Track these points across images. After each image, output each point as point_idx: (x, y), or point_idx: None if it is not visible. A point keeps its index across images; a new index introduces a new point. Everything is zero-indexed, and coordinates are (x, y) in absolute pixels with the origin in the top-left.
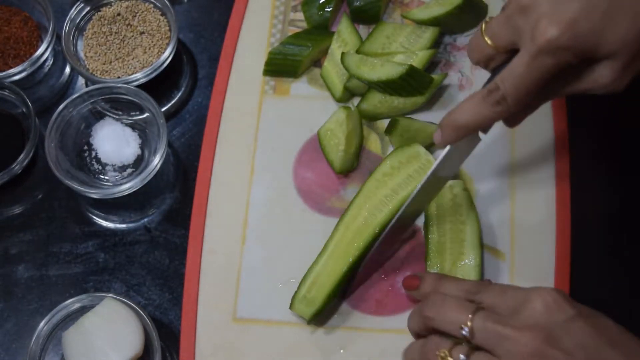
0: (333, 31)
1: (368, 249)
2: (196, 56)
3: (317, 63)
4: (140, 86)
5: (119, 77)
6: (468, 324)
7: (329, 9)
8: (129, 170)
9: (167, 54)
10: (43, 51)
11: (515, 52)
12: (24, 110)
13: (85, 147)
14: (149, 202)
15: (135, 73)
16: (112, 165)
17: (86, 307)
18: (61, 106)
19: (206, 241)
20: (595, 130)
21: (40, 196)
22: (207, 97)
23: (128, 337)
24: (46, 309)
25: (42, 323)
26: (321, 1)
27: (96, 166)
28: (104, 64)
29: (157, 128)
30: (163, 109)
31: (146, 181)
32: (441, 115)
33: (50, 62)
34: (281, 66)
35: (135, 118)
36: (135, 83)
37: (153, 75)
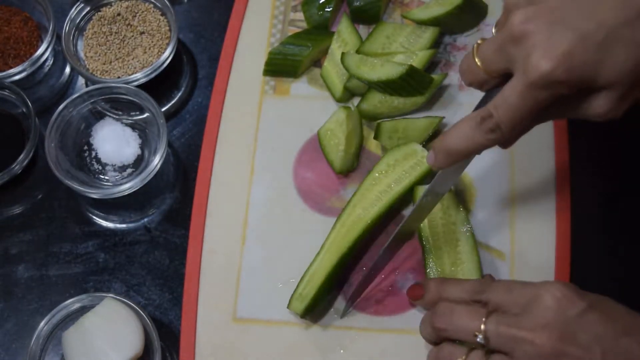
0: (333, 31)
1: (359, 243)
2: (196, 56)
3: (317, 63)
4: (140, 86)
5: (119, 77)
6: (482, 330)
7: (329, 9)
8: (129, 170)
9: (167, 54)
10: (43, 51)
11: (509, 76)
12: (24, 110)
13: (85, 147)
14: (149, 202)
15: (135, 73)
16: (112, 165)
17: (86, 307)
18: (61, 106)
19: (206, 241)
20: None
21: (40, 196)
22: (207, 97)
23: (128, 337)
24: (46, 309)
25: (42, 323)
26: (321, 1)
27: (96, 166)
28: (104, 64)
29: (157, 128)
30: (163, 109)
31: (146, 181)
32: (441, 115)
33: (50, 62)
34: (281, 66)
35: (135, 118)
36: (135, 83)
37: (153, 75)
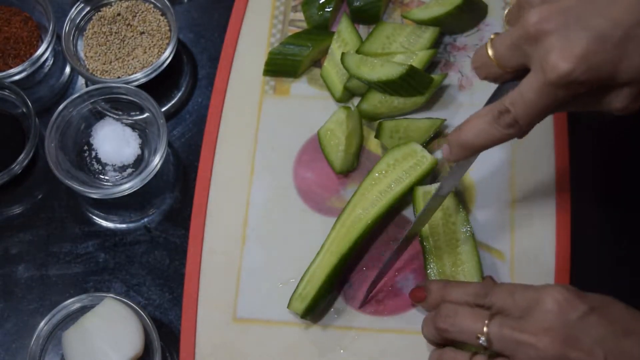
0: (333, 31)
1: (359, 243)
2: (196, 56)
3: (317, 63)
4: (140, 86)
5: (119, 77)
6: (484, 332)
7: (329, 9)
8: (129, 170)
9: (167, 54)
10: (43, 51)
11: (524, 70)
12: (24, 110)
13: (85, 147)
14: (149, 202)
15: (135, 73)
16: (112, 165)
17: (86, 307)
18: (61, 106)
19: (206, 241)
20: (595, 130)
21: (40, 196)
22: (207, 97)
23: (128, 337)
24: (46, 309)
25: (42, 323)
26: (321, 1)
27: (96, 166)
28: (104, 64)
29: (157, 128)
30: (163, 109)
31: (146, 181)
32: (441, 115)
33: (50, 62)
34: (281, 66)
35: (135, 118)
36: (135, 83)
37: (153, 75)
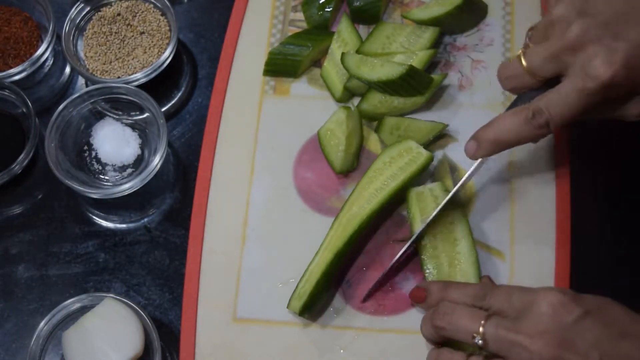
0: (333, 31)
1: (355, 239)
2: (196, 56)
3: (317, 63)
4: (140, 86)
5: (119, 77)
6: (480, 332)
7: (329, 9)
8: (129, 170)
9: (167, 54)
10: (43, 51)
11: (553, 80)
12: (24, 110)
13: (85, 147)
14: (149, 202)
15: (135, 73)
16: (112, 165)
17: (86, 307)
18: (61, 106)
19: (206, 241)
20: (595, 130)
21: (40, 196)
22: (207, 97)
23: (128, 337)
24: (46, 309)
25: (42, 323)
26: (321, 1)
27: (96, 166)
28: (104, 64)
29: (157, 128)
30: (163, 109)
31: (146, 181)
32: (441, 115)
33: (50, 62)
34: (281, 66)
35: (135, 118)
36: (135, 83)
37: (153, 75)
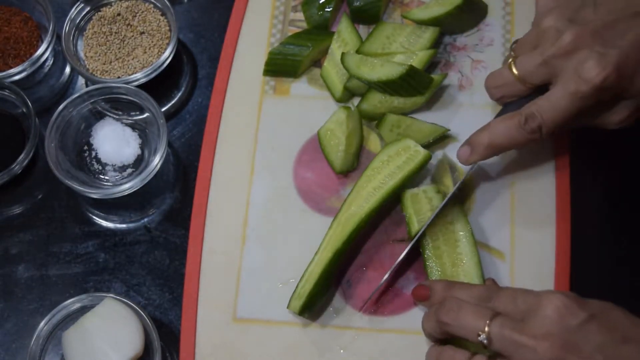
0: (333, 31)
1: (353, 238)
2: (196, 56)
3: (317, 63)
4: (140, 86)
5: (119, 77)
6: (485, 331)
7: (329, 9)
8: (129, 170)
9: (167, 54)
10: (43, 51)
11: (542, 87)
12: (24, 110)
13: (85, 147)
14: (149, 202)
15: (135, 73)
16: (112, 165)
17: (86, 307)
18: (61, 106)
19: (206, 241)
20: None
21: (40, 196)
22: (207, 97)
23: (128, 337)
24: (46, 309)
25: (42, 323)
26: (321, 1)
27: (96, 166)
28: (104, 64)
29: (157, 128)
30: (163, 109)
31: (146, 181)
32: (441, 115)
33: (50, 62)
34: (281, 66)
35: (135, 118)
36: (135, 83)
37: (153, 75)
